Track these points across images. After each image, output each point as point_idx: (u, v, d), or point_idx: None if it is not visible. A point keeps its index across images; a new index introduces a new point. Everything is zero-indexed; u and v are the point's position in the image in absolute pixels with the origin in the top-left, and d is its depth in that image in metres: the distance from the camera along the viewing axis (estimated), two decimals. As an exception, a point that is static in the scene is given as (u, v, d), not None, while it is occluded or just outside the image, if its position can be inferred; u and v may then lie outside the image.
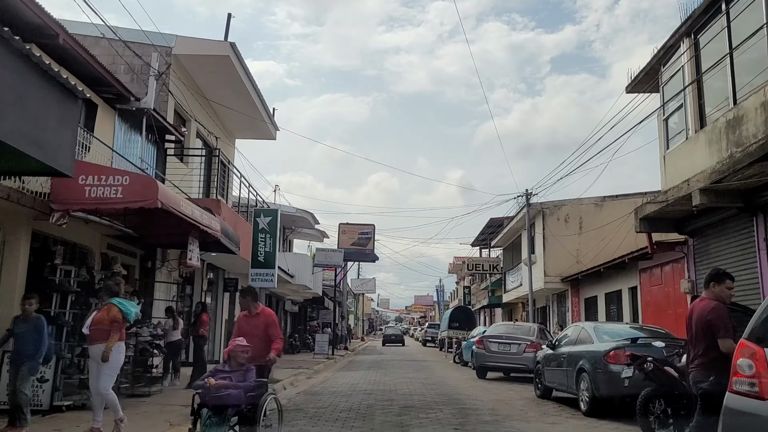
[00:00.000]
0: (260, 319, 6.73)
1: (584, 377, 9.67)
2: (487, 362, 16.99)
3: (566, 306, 26.17)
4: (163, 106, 13.68)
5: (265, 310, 7.00)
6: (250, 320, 6.75)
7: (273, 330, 6.70)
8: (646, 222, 14.93)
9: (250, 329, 6.62)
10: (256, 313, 6.78)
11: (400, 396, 12.11)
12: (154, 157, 13.35)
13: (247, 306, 6.78)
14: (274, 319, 6.86)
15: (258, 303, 6.93)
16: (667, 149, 14.35)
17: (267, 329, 6.66)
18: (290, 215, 27.18)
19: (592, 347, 9.88)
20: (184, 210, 9.32)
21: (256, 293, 7.06)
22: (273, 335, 6.66)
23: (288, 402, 11.18)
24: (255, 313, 6.78)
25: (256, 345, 6.40)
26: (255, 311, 6.77)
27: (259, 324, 6.68)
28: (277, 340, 6.69)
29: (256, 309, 6.79)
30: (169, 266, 13.80)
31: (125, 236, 11.53)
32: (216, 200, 13.56)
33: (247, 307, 6.79)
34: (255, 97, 16.43)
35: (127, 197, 8.39)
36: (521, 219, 27.42)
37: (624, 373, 7.53)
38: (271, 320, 6.78)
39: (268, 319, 6.77)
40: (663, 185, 14.45)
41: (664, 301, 17.01)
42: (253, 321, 6.73)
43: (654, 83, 15.14)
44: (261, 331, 6.62)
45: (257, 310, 6.79)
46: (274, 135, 19.78)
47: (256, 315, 6.77)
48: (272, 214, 15.12)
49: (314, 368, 19.53)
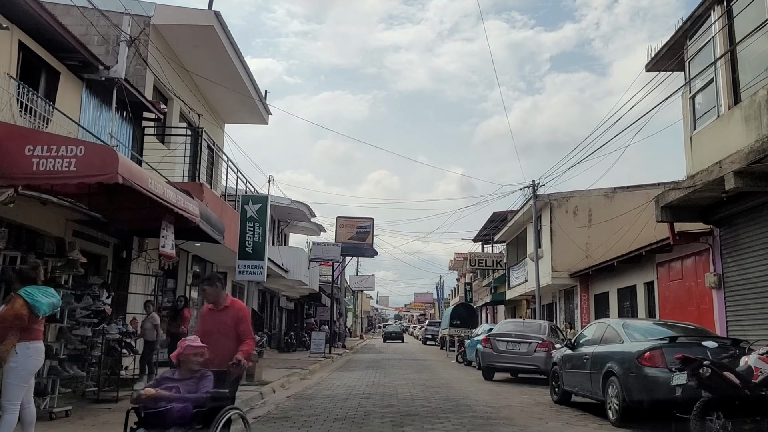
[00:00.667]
0: (228, 314, 5.46)
1: (613, 382, 8.42)
2: (494, 362, 15.75)
3: (574, 303, 24.95)
4: (140, 81, 12.42)
5: (236, 302, 5.71)
6: (216, 315, 5.49)
7: (244, 327, 5.45)
8: (668, 210, 13.74)
9: (215, 326, 5.37)
10: (224, 306, 5.52)
11: (400, 401, 10.86)
12: (130, 136, 12.10)
13: (215, 297, 5.52)
14: (245, 314, 5.60)
15: (227, 294, 5.68)
16: (693, 130, 13.12)
17: (237, 326, 5.40)
18: (285, 207, 25.94)
19: (622, 347, 8.61)
20: (154, 189, 8.05)
21: (223, 281, 5.79)
22: (243, 334, 5.40)
23: (275, 408, 9.95)
24: (222, 306, 5.52)
25: (223, 346, 5.16)
26: (223, 304, 5.52)
27: (226, 320, 5.42)
28: (248, 340, 5.42)
29: (224, 301, 5.54)
30: (148, 257, 12.55)
31: (95, 222, 10.29)
32: (198, 184, 12.30)
33: (214, 298, 5.52)
34: (243, 75, 15.17)
35: (81, 171, 7.11)
36: (527, 212, 26.19)
37: (675, 379, 6.28)
38: (242, 315, 5.52)
39: (238, 313, 5.50)
40: (689, 169, 13.22)
41: (685, 296, 15.79)
42: (219, 316, 5.47)
43: (678, 59, 13.90)
44: (229, 329, 5.36)
45: (225, 303, 5.54)
46: (266, 119, 18.52)
47: (223, 309, 5.51)
48: (261, 201, 13.88)
49: (309, 368, 18.32)
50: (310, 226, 30.70)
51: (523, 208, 26.39)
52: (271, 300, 27.86)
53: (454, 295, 68.79)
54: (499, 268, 36.17)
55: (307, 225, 30.26)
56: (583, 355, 9.74)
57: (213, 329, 5.31)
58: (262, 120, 18.56)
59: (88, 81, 10.48)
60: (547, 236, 24.71)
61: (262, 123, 18.81)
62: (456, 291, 67.21)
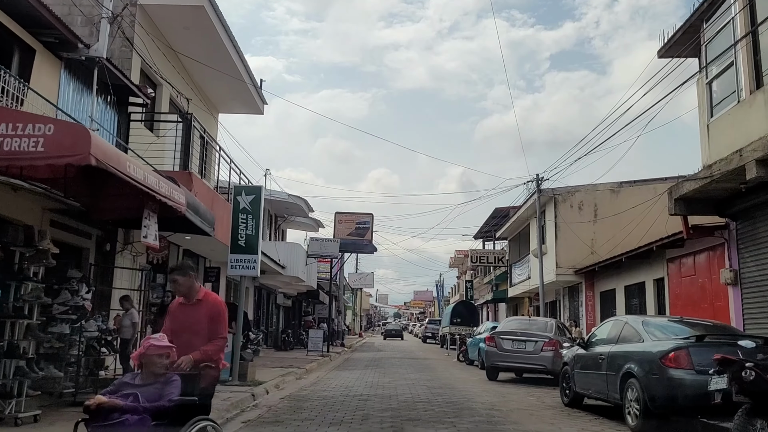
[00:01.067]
0: (202, 310, 4.77)
1: (632, 385, 7.73)
2: (499, 362, 15.07)
3: (579, 300, 24.30)
4: (126, 65, 11.72)
5: (210, 296, 5.01)
6: (187, 310, 4.80)
7: (217, 325, 4.74)
8: (682, 203, 13.09)
9: (186, 323, 4.68)
10: (196, 299, 4.82)
11: (401, 403, 10.18)
12: (114, 122, 11.41)
13: (186, 289, 4.83)
14: (220, 310, 4.88)
15: (200, 286, 4.98)
16: (710, 117, 12.44)
17: (210, 323, 4.70)
18: (282, 201, 25.25)
19: (642, 347, 7.92)
20: (133, 173, 7.36)
21: (194, 270, 5.09)
22: (214, 332, 4.71)
23: (267, 410, 9.28)
24: (195, 300, 4.82)
25: (195, 346, 4.48)
26: (195, 297, 4.82)
27: (199, 316, 4.73)
28: (216, 340, 4.71)
29: (198, 294, 4.85)
30: (134, 250, 11.87)
31: (75, 212, 9.61)
32: (187, 173, 11.61)
33: (186, 290, 4.83)
34: (236, 60, 14.47)
35: (50, 151, 6.42)
36: (530, 207, 25.53)
37: (713, 383, 5.58)
38: (216, 311, 4.81)
39: (213, 309, 4.80)
40: (705, 159, 12.55)
41: (698, 293, 15.15)
42: (191, 312, 4.77)
43: (693, 44, 13.22)
44: (202, 327, 4.68)
45: (198, 296, 4.84)
46: (261, 109, 17.82)
47: (196, 303, 4.81)
48: (255, 192, 13.16)
49: (306, 367, 17.66)
50: (307, 221, 30.00)
51: (527, 202, 25.73)
52: (267, 297, 27.19)
53: (455, 293, 68.19)
54: (501, 265, 35.52)
55: (304, 220, 29.55)
56: (597, 355, 9.05)
57: (184, 327, 4.63)
58: (257, 109, 17.86)
59: (67, 61, 9.79)
60: (551, 232, 24.05)
61: (257, 113, 18.11)
62: (456, 289, 66.60)
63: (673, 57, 14.08)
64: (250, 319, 23.15)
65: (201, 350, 4.48)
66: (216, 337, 4.69)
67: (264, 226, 26.01)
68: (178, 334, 4.49)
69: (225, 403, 9.20)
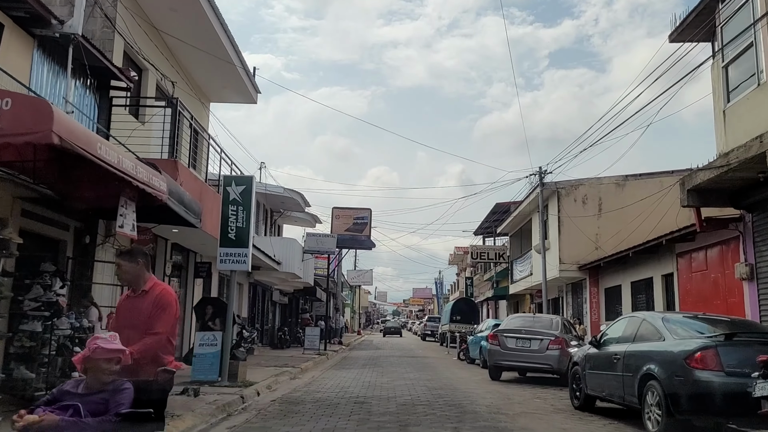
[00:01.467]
0: (146, 302, 4.05)
1: (653, 387, 7.06)
2: (502, 361, 14.40)
3: (583, 297, 23.66)
4: (108, 46, 11.03)
5: (159, 286, 4.25)
6: (132, 303, 4.09)
7: (157, 319, 3.98)
8: (696, 194, 12.48)
9: (128, 317, 3.98)
10: (142, 290, 4.11)
11: (400, 407, 9.50)
12: (95, 107, 10.72)
13: (132, 277, 4.10)
14: (165, 302, 4.10)
15: (150, 275, 4.25)
16: (727, 103, 11.80)
17: (151, 317, 3.98)
18: (278, 196, 24.56)
19: (663, 346, 7.24)
20: (105, 155, 6.68)
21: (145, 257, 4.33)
22: (150, 327, 3.95)
23: (256, 415, 8.61)
24: (141, 291, 4.11)
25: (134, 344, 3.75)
26: (141, 288, 4.11)
27: (142, 309, 4.02)
28: (152, 333, 3.93)
29: (144, 284, 4.13)
30: (116, 243, 11.17)
31: (50, 201, 8.92)
32: (172, 161, 10.92)
33: (131, 279, 4.12)
34: (228, 45, 13.77)
35: (8, 128, 5.74)
36: (533, 201, 24.87)
37: (759, 389, 4.92)
38: (160, 303, 4.06)
39: (156, 301, 4.05)
40: (721, 147, 11.90)
41: (710, 289, 14.50)
42: (135, 304, 4.07)
43: (707, 27, 12.56)
44: (143, 322, 3.96)
45: (145, 287, 4.13)
46: (254, 98, 17.12)
47: (141, 294, 4.09)
48: (246, 183, 12.45)
49: (301, 366, 17.00)
50: (304, 216, 29.31)
51: (529, 196, 25.06)
52: (263, 294, 26.51)
53: (454, 290, 67.61)
54: (502, 261, 34.88)
55: (301, 215, 28.86)
56: (611, 355, 8.37)
57: (126, 322, 3.93)
58: (250, 99, 17.16)
59: (40, 39, 9.09)
60: (554, 227, 23.39)
61: (250, 102, 17.40)
62: (456, 286, 66.01)
63: (685, 41, 13.43)
64: (244, 317, 22.50)
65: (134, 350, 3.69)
66: (153, 331, 3.92)
67: (259, 221, 25.39)
68: (120, 330, 3.79)
69: (210, 407, 8.54)
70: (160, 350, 3.89)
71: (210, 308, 13.41)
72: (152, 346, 3.85)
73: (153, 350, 3.85)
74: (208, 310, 13.35)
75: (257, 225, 24.21)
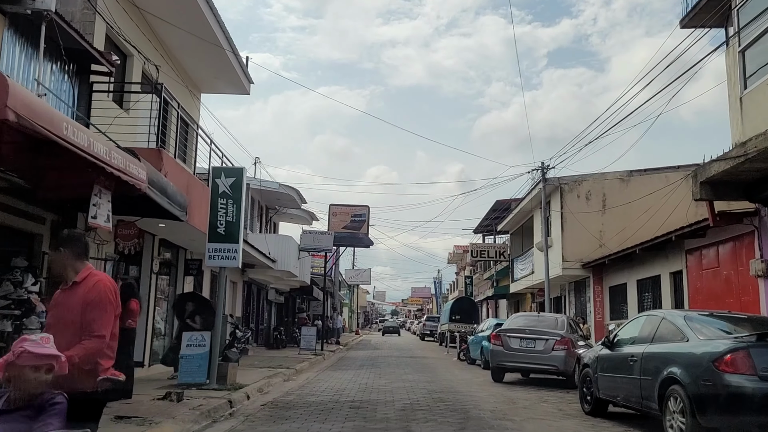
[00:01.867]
0: (76, 295, 3.37)
1: (676, 393, 6.43)
2: (505, 362, 13.77)
3: (586, 296, 23.04)
4: (89, 29, 10.39)
5: (93, 277, 3.51)
6: (63, 298, 3.43)
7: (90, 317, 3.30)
8: (709, 187, 11.85)
9: (58, 315, 3.31)
10: (72, 282, 3.44)
11: (397, 412, 8.86)
12: (74, 93, 10.08)
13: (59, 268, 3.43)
14: (99, 295, 3.39)
15: (88, 265, 3.57)
16: (744, 89, 11.19)
17: (83, 315, 3.31)
18: (273, 192, 23.91)
19: (687, 347, 6.60)
20: (72, 137, 6.06)
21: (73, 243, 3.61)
22: (87, 327, 3.28)
23: (243, 422, 7.98)
24: (72, 282, 3.44)
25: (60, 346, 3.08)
26: (72, 279, 3.43)
27: (72, 305, 3.34)
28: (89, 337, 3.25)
29: (75, 276, 3.44)
30: (97, 237, 10.53)
31: (23, 191, 8.30)
32: (156, 150, 10.28)
33: (59, 270, 3.45)
34: (218, 31, 13.11)
35: (-45, 104, 5.13)
36: (535, 197, 24.26)
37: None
38: (93, 297, 3.36)
39: (89, 294, 3.35)
40: (737, 136, 11.31)
41: (721, 287, 13.90)
42: (66, 299, 3.40)
43: (721, 10, 11.95)
44: (72, 320, 3.28)
45: (76, 278, 3.44)
46: (247, 89, 16.48)
47: (72, 287, 3.41)
48: (236, 174, 11.83)
49: (296, 367, 16.38)
50: (300, 213, 28.64)
51: (531, 193, 24.44)
52: (258, 292, 25.87)
53: (453, 289, 67.09)
54: (503, 259, 34.26)
55: (297, 212, 28.19)
56: (627, 357, 7.74)
57: (55, 320, 3.27)
58: (243, 89, 16.52)
59: (12, 17, 8.45)
60: (557, 223, 22.78)
61: (243, 93, 16.76)
62: (455, 285, 65.45)
63: (697, 27, 12.83)
64: (238, 316, 21.87)
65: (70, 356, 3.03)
66: (90, 334, 3.25)
67: (254, 218, 24.75)
68: (49, 329, 3.15)
69: (193, 412, 7.90)
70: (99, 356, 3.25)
71: (190, 305, 12.60)
72: (94, 352, 3.19)
73: (95, 357, 3.20)
74: (188, 306, 12.54)
75: (252, 222, 23.57)
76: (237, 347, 17.20)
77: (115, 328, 3.42)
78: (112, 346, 3.39)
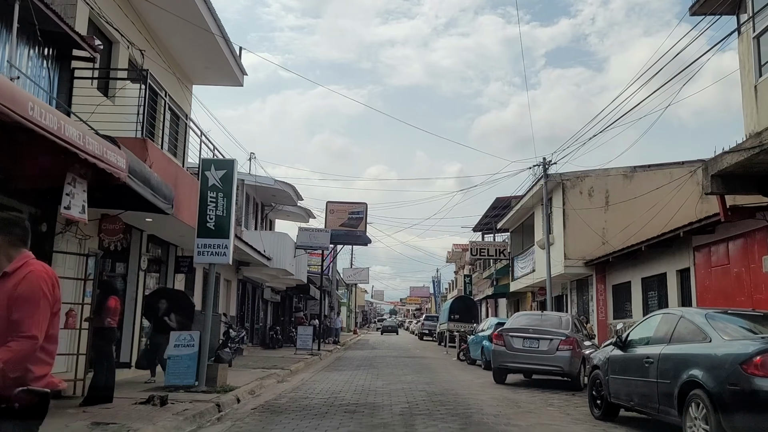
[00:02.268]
0: (5, 288, 2.81)
1: (698, 398, 5.91)
2: (508, 363, 13.25)
3: (589, 294, 22.56)
4: (70, 12, 9.85)
5: (26, 267, 2.92)
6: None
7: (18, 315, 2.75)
8: (720, 180, 11.32)
9: None
10: (4, 273, 2.89)
11: (396, 417, 8.33)
12: (53, 79, 9.54)
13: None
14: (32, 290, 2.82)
15: (23, 253, 3.02)
16: (759, 77, 10.68)
17: (8, 311, 2.76)
18: (269, 188, 23.39)
19: (710, 348, 6.09)
20: (38, 118, 5.55)
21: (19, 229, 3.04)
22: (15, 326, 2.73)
23: (230, 427, 7.46)
24: (3, 272, 2.92)
25: None
26: (2, 269, 2.89)
27: (1, 299, 2.78)
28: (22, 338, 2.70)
29: (7, 266, 2.88)
30: (79, 232, 9.99)
31: (-3, 183, 7.75)
32: (141, 140, 9.74)
33: None
34: (208, 17, 12.58)
35: None
36: (536, 194, 23.77)
37: None
38: (24, 291, 2.80)
39: (18, 288, 2.80)
40: (752, 126, 10.79)
41: (732, 285, 13.41)
42: None
43: (733, -4, 11.44)
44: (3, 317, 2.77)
45: (8, 268, 2.88)
46: (240, 80, 15.94)
47: (3, 278, 2.86)
48: (227, 167, 11.29)
49: (291, 367, 15.88)
50: (297, 210, 28.11)
51: (532, 189, 23.93)
52: (253, 291, 25.34)
53: (452, 288, 66.59)
54: (503, 258, 33.78)
55: (293, 210, 27.65)
56: (642, 358, 7.22)
57: None
58: (236, 81, 15.98)
59: (-16, -4, 7.92)
60: (559, 220, 22.28)
61: (236, 84, 16.21)
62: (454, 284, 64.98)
63: (707, 14, 12.33)
64: (232, 315, 21.35)
65: None
66: (17, 334, 2.72)
67: (249, 215, 24.21)
68: None
69: (177, 418, 7.37)
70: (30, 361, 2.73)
71: (163, 302, 11.75)
72: (22, 356, 2.67)
73: (24, 362, 2.68)
74: (161, 304, 11.69)
75: (247, 219, 23.04)
76: (230, 347, 16.69)
77: (53, 328, 2.89)
78: (49, 349, 2.86)
